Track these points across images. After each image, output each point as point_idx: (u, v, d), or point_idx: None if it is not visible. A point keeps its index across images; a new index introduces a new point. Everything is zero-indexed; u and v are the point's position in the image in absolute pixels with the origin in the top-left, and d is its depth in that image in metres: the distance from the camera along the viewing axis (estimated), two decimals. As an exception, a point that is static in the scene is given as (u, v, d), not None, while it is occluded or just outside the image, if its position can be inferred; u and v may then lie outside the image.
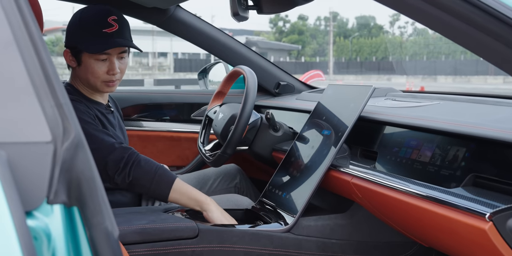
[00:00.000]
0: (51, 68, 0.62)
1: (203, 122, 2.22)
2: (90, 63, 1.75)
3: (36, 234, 0.55)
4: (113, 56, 1.75)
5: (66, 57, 1.80)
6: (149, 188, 1.61)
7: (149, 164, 1.63)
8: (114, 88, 1.82)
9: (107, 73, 1.76)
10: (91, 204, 0.59)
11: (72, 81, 1.84)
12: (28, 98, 0.59)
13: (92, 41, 1.72)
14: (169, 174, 1.64)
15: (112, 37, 1.73)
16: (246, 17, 1.47)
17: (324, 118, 1.76)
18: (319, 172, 1.59)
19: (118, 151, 1.62)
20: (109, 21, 1.73)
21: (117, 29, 1.74)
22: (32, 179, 0.56)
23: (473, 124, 1.25)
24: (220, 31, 2.41)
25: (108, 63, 1.76)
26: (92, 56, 1.74)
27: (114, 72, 1.76)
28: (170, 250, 1.45)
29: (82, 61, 1.76)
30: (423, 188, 1.24)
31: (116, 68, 1.76)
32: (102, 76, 1.76)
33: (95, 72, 1.75)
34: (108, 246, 0.59)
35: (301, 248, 1.58)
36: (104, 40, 1.72)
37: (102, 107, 1.85)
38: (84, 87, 1.82)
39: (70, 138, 0.58)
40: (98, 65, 1.75)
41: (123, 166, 1.59)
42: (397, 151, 1.44)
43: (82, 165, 0.59)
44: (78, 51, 1.75)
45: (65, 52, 1.80)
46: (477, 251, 1.17)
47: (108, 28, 1.73)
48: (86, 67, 1.76)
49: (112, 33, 1.73)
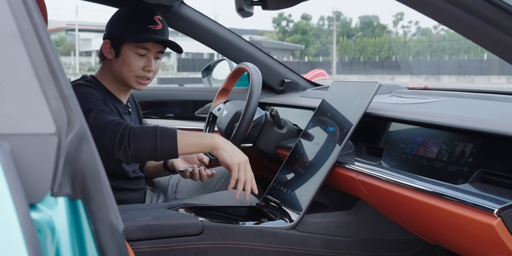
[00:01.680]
0: (56, 60, 0.61)
1: (207, 119, 2.22)
2: (129, 55, 1.79)
3: (40, 227, 0.54)
4: (152, 53, 1.80)
5: (104, 48, 1.83)
6: (156, 152, 1.54)
7: (145, 129, 1.56)
8: (144, 87, 1.85)
9: (143, 68, 1.80)
10: (96, 197, 0.58)
11: (99, 75, 1.86)
12: (32, 89, 0.58)
13: (138, 33, 1.77)
14: (168, 131, 1.57)
15: (156, 34, 1.79)
16: (251, 13, 1.46)
17: (329, 115, 1.75)
18: (324, 169, 1.58)
19: (112, 126, 1.55)
20: (155, 19, 1.80)
21: (161, 28, 1.80)
22: (36, 171, 0.55)
23: (480, 119, 1.24)
24: (224, 28, 2.40)
25: (146, 59, 1.80)
26: (132, 49, 1.78)
27: (150, 69, 1.80)
28: (175, 246, 1.44)
29: (121, 52, 1.80)
30: (430, 184, 1.22)
31: (152, 65, 1.81)
32: (137, 71, 1.79)
33: (132, 65, 1.79)
34: (112, 240, 0.59)
35: (306, 245, 1.57)
36: (150, 34, 1.78)
37: (121, 106, 1.86)
38: (113, 81, 1.84)
39: (75, 130, 0.58)
40: (136, 59, 1.79)
41: (120, 140, 1.52)
42: (403, 148, 1.43)
43: (86, 157, 0.58)
44: (119, 43, 1.79)
45: (104, 43, 1.83)
46: (485, 247, 1.16)
47: (154, 25, 1.79)
48: (123, 59, 1.79)
49: (156, 30, 1.79)
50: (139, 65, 1.79)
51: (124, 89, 1.88)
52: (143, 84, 1.83)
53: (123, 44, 1.79)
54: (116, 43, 1.80)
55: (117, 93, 1.87)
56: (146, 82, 1.84)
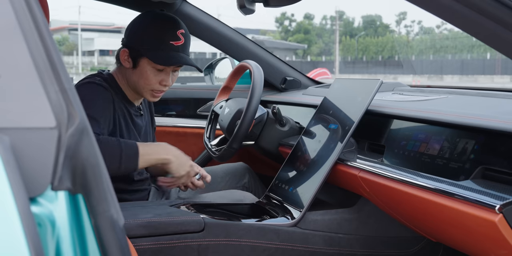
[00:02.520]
0: (56, 54, 0.61)
1: (209, 117, 2.22)
2: (146, 69, 1.74)
3: (40, 221, 0.54)
4: (170, 68, 1.76)
5: (122, 56, 1.78)
6: (119, 167, 1.55)
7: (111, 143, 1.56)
8: (157, 99, 1.83)
9: (160, 83, 1.76)
10: (96, 192, 0.58)
11: (116, 75, 1.83)
12: (32, 83, 0.58)
13: (158, 50, 1.72)
14: (133, 148, 1.59)
15: (177, 51, 1.74)
16: (253, 10, 1.46)
17: (331, 112, 1.75)
18: (326, 166, 1.58)
19: None
20: (178, 34, 1.74)
21: (182, 44, 1.75)
22: (36, 165, 0.55)
23: (482, 116, 1.23)
24: (226, 26, 2.40)
25: (164, 74, 1.76)
26: (151, 64, 1.73)
27: (166, 84, 1.77)
28: (176, 243, 1.44)
29: (139, 65, 1.75)
30: (432, 181, 1.22)
31: (169, 80, 1.78)
32: (153, 85, 1.76)
33: (148, 79, 1.75)
34: (113, 234, 0.59)
35: (307, 243, 1.56)
36: (170, 53, 1.72)
37: (132, 108, 1.84)
38: (127, 87, 1.82)
39: (75, 124, 0.58)
40: (154, 74, 1.75)
41: None
42: (405, 145, 1.43)
43: (86, 151, 0.58)
44: (138, 55, 1.74)
45: (122, 51, 1.77)
46: (486, 243, 1.16)
47: (175, 41, 1.73)
48: (141, 72, 1.75)
49: (178, 46, 1.74)
50: (156, 80, 1.76)
51: (137, 96, 1.86)
52: (157, 97, 1.81)
53: (142, 57, 1.74)
54: (135, 54, 1.75)
55: (130, 97, 1.84)
56: (160, 95, 1.82)
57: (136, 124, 1.85)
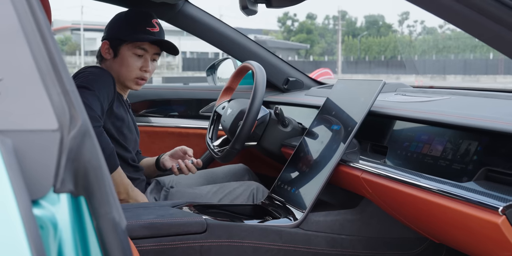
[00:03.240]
0: (58, 56, 0.61)
1: (211, 118, 2.21)
2: (127, 56, 1.86)
3: (43, 223, 0.54)
4: (149, 54, 1.88)
5: (103, 48, 1.89)
6: None
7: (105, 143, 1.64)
8: (140, 87, 1.92)
9: (140, 69, 1.87)
10: (98, 194, 0.58)
11: None
12: (34, 85, 0.58)
13: (136, 33, 1.84)
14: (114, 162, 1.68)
15: (153, 35, 1.86)
16: (255, 11, 1.45)
17: (333, 113, 1.75)
18: (328, 167, 1.57)
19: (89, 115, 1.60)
20: (153, 22, 1.88)
21: (158, 31, 1.88)
22: (38, 168, 0.55)
23: (485, 117, 1.23)
24: (228, 26, 2.40)
25: (143, 60, 1.87)
26: (130, 49, 1.85)
27: (147, 69, 1.87)
28: (179, 245, 1.44)
29: (119, 53, 1.87)
30: (434, 183, 1.22)
31: (149, 65, 1.88)
32: (135, 71, 1.86)
33: (130, 65, 1.86)
34: (115, 237, 0.59)
35: (310, 244, 1.56)
36: (147, 35, 1.85)
37: (122, 99, 1.93)
38: None
39: (77, 127, 0.57)
40: (134, 60, 1.86)
41: None
42: (408, 146, 1.42)
43: (89, 154, 0.58)
44: (118, 43, 1.86)
45: (103, 43, 1.89)
46: (489, 245, 1.15)
47: (152, 28, 1.87)
48: (122, 60, 1.86)
49: (154, 32, 1.87)
50: (137, 65, 1.86)
51: (122, 88, 1.95)
52: (140, 84, 1.91)
53: (122, 45, 1.86)
54: (115, 44, 1.87)
55: (118, 89, 1.91)
56: (143, 83, 1.91)
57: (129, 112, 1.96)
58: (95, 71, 1.79)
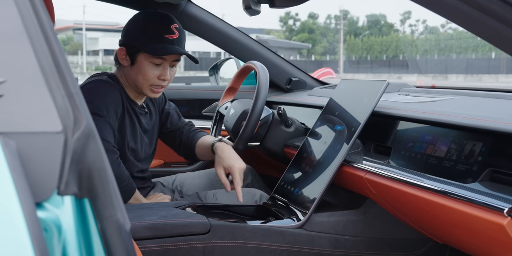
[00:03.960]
0: (62, 58, 0.60)
1: (214, 118, 2.21)
2: (144, 64, 1.78)
3: (47, 226, 0.53)
4: (167, 62, 1.79)
5: (119, 55, 1.83)
6: None
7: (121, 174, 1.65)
8: (158, 95, 1.85)
9: (158, 77, 1.79)
10: (103, 196, 0.58)
11: (117, 75, 1.86)
12: (38, 87, 0.58)
13: (154, 44, 1.76)
14: (131, 190, 1.70)
15: (172, 44, 1.78)
16: (258, 11, 1.45)
17: (336, 114, 1.74)
18: (331, 167, 1.57)
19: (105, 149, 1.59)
20: (172, 28, 1.79)
21: (177, 37, 1.79)
22: (42, 170, 0.55)
23: (490, 118, 1.22)
24: (231, 26, 2.39)
25: (161, 68, 1.80)
26: (148, 58, 1.77)
27: (165, 78, 1.80)
28: (182, 245, 1.43)
29: (136, 61, 1.79)
30: (439, 183, 1.21)
31: (167, 74, 1.80)
32: (152, 80, 1.79)
33: (147, 74, 1.78)
34: (119, 239, 0.58)
35: (313, 245, 1.56)
36: (165, 45, 1.76)
37: (135, 106, 1.87)
38: (127, 84, 1.85)
39: (81, 128, 0.57)
40: (152, 68, 1.78)
41: None
42: (412, 146, 1.42)
43: (93, 156, 0.58)
44: (135, 51, 1.78)
45: (120, 50, 1.82)
46: (494, 247, 1.15)
47: (170, 35, 1.77)
48: (139, 68, 1.79)
49: (172, 40, 1.78)
50: (155, 74, 1.79)
51: (139, 96, 1.89)
52: (157, 92, 1.83)
53: (139, 53, 1.78)
54: (132, 51, 1.80)
55: (132, 96, 1.87)
56: (160, 90, 1.83)
57: (141, 122, 1.88)
58: (101, 86, 1.74)
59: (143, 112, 1.90)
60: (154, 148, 1.98)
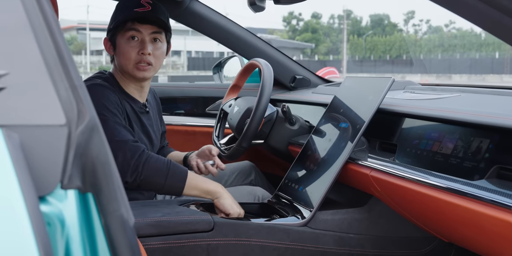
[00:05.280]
0: (66, 50, 0.60)
1: (218, 115, 2.20)
2: (122, 43, 1.72)
3: (50, 220, 0.53)
4: (144, 35, 1.71)
5: (105, 46, 1.79)
6: (163, 184, 1.55)
7: (160, 162, 1.56)
8: (148, 74, 1.74)
9: (138, 53, 1.71)
10: (106, 190, 0.57)
11: (115, 73, 1.80)
12: (42, 80, 0.57)
13: (122, 19, 1.71)
14: (181, 169, 1.59)
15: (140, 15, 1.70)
16: (263, 7, 1.44)
17: (341, 111, 1.73)
18: (336, 165, 1.56)
19: (129, 148, 1.54)
20: (142, 2, 1.70)
21: (149, 10, 1.70)
22: (45, 163, 0.54)
23: (496, 114, 1.21)
24: (235, 24, 2.38)
25: (140, 43, 1.72)
26: (124, 36, 1.71)
27: (144, 51, 1.70)
28: (185, 243, 1.43)
29: (117, 45, 1.74)
30: (445, 181, 1.20)
31: (147, 48, 1.71)
32: (133, 57, 1.71)
33: (126, 53, 1.71)
34: (123, 234, 0.58)
35: (318, 242, 1.55)
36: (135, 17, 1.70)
37: (137, 105, 1.79)
38: (124, 78, 1.78)
39: (85, 122, 0.57)
40: (130, 45, 1.71)
41: (134, 165, 1.52)
42: (417, 144, 1.41)
43: (97, 149, 0.57)
44: (113, 35, 1.74)
45: (104, 41, 1.79)
46: (501, 244, 1.14)
47: (140, 8, 1.69)
48: (119, 50, 1.73)
49: (143, 12, 1.69)
50: (134, 50, 1.71)
51: (137, 87, 1.81)
52: (143, 69, 1.72)
53: (117, 35, 1.73)
54: (111, 37, 1.75)
55: (132, 92, 1.80)
56: (146, 68, 1.72)
57: (143, 122, 1.81)
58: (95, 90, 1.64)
59: (144, 111, 1.83)
60: (156, 147, 1.93)
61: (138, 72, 1.72)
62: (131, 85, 1.79)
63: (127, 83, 1.79)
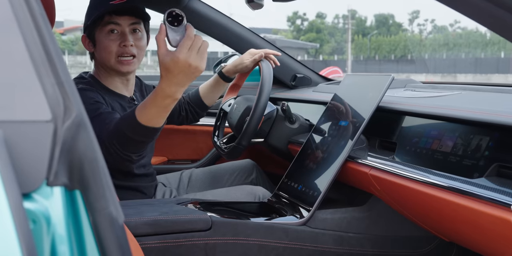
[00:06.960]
0: (53, 45, 0.59)
1: (217, 115, 2.19)
2: (101, 38, 1.68)
3: (35, 217, 0.52)
4: (124, 27, 1.68)
5: (84, 43, 1.75)
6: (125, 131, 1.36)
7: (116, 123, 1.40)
8: (132, 67, 1.69)
9: (119, 45, 1.67)
10: (94, 188, 0.56)
11: (95, 71, 1.76)
12: (27, 75, 0.56)
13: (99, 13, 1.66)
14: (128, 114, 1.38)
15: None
16: (261, 5, 1.43)
17: (341, 109, 1.72)
18: (336, 164, 1.55)
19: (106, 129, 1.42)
20: None
21: (125, 1, 1.66)
22: (30, 160, 0.53)
23: (496, 112, 1.20)
24: (236, 22, 2.37)
25: (120, 35, 1.68)
26: (103, 30, 1.67)
27: (125, 43, 1.66)
28: (183, 242, 1.42)
29: (96, 40, 1.70)
30: (445, 179, 1.19)
31: (128, 40, 1.67)
32: (115, 50, 1.67)
33: (107, 47, 1.67)
34: (112, 232, 0.57)
35: (317, 242, 1.54)
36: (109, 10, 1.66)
37: (124, 101, 1.75)
38: (106, 74, 1.73)
39: (72, 117, 0.56)
40: (110, 38, 1.67)
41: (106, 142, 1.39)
42: (417, 142, 1.40)
43: (84, 145, 0.56)
44: (91, 31, 1.70)
45: (82, 38, 1.76)
46: (501, 243, 1.12)
47: (116, 0, 1.65)
48: (100, 45, 1.69)
49: (119, 4, 1.65)
50: (114, 43, 1.66)
51: (122, 81, 1.75)
52: (127, 63, 1.68)
53: (95, 31, 1.68)
54: (89, 33, 1.71)
55: (118, 88, 1.75)
56: (130, 61, 1.68)
57: None
58: None
59: (133, 104, 1.76)
60: None
61: (122, 66, 1.68)
62: (116, 79, 1.75)
63: (112, 78, 1.74)
